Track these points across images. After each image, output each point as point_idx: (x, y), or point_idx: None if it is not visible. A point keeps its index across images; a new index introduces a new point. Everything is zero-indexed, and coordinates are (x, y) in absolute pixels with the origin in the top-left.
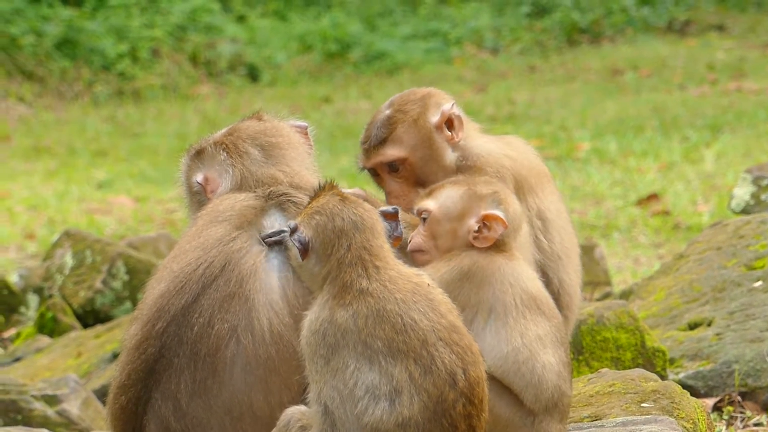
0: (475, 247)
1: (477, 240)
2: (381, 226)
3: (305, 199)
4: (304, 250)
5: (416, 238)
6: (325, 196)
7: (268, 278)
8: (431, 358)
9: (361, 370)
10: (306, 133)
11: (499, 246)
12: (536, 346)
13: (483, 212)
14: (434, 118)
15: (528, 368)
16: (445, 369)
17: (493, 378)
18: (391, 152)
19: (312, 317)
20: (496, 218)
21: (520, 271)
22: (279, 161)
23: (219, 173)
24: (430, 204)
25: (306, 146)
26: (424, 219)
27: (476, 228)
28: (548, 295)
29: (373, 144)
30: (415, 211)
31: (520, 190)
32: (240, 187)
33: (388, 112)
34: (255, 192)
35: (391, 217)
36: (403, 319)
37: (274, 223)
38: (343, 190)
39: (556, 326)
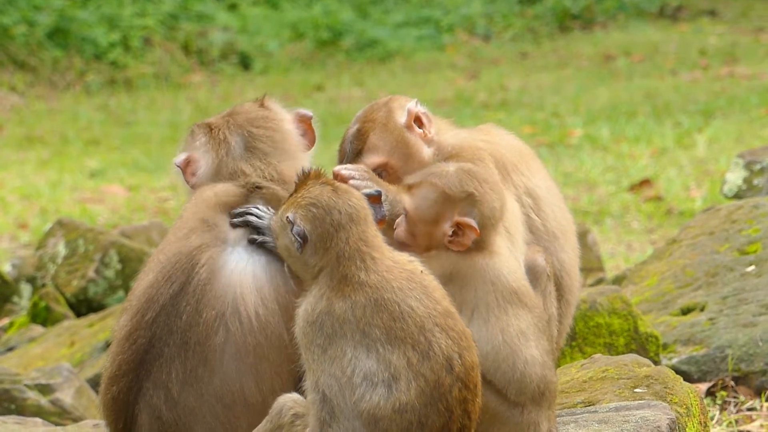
0: (451, 249)
1: (452, 244)
2: (370, 212)
3: (281, 192)
4: (303, 243)
5: (399, 231)
6: (314, 185)
7: (251, 265)
8: (428, 343)
9: (358, 358)
10: (309, 124)
11: (478, 244)
12: (518, 342)
13: (456, 218)
14: (402, 118)
15: (509, 365)
16: (442, 354)
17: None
18: (371, 160)
19: (308, 308)
20: (467, 225)
21: (500, 267)
22: (255, 154)
23: (201, 156)
24: (407, 202)
25: (299, 138)
26: (404, 214)
27: (450, 233)
28: (529, 285)
29: (351, 159)
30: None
31: (503, 169)
32: (216, 173)
33: (356, 126)
34: (236, 182)
35: (374, 200)
36: (400, 306)
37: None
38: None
39: (538, 316)
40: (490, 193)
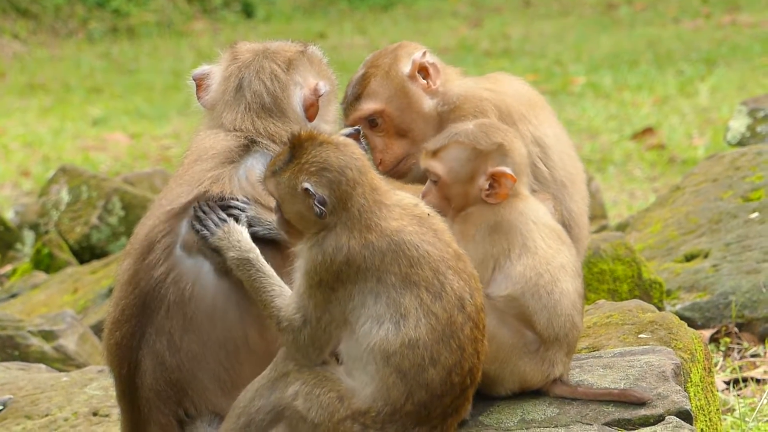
0: (489, 203)
1: (490, 197)
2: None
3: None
4: (324, 210)
5: (430, 198)
6: (315, 147)
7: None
8: (441, 285)
9: (365, 305)
10: (317, 98)
11: (514, 191)
12: (559, 273)
13: (490, 170)
14: (406, 68)
15: (546, 291)
16: (454, 294)
17: (495, 307)
18: (367, 106)
19: (326, 258)
20: (504, 174)
21: (537, 208)
22: (240, 102)
23: (215, 79)
24: (437, 167)
25: (299, 108)
26: (434, 181)
27: (487, 186)
28: (560, 226)
29: (350, 101)
30: (423, 170)
31: (509, 118)
32: (212, 106)
33: (362, 71)
34: (236, 134)
35: (355, 138)
36: (418, 251)
37: (255, 164)
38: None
39: (575, 255)
40: (516, 140)
